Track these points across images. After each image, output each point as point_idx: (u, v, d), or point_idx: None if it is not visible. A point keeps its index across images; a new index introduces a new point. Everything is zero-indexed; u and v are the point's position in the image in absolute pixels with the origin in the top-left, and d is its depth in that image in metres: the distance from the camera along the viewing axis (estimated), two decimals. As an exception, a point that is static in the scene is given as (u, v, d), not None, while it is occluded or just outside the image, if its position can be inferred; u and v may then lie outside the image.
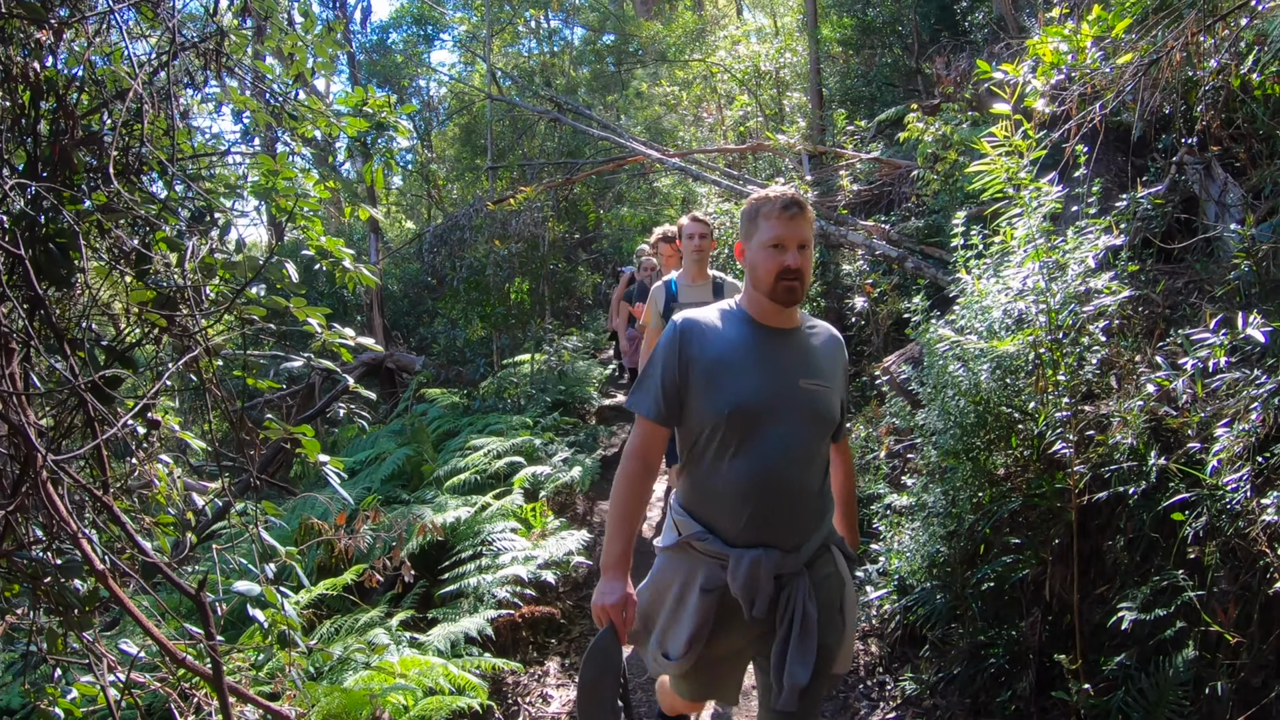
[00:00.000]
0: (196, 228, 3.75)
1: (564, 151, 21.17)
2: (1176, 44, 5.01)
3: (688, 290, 7.49)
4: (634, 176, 18.90)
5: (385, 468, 9.54)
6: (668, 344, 3.65)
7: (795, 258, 3.53)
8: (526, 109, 21.71)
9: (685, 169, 13.38)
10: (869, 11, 17.27)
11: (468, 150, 26.82)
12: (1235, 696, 4.21)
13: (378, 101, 4.27)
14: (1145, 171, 7.09)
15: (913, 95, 14.68)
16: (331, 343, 3.94)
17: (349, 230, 24.64)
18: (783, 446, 3.53)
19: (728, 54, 19.65)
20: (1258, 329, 4.09)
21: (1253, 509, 4.25)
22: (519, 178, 19.02)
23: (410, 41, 29.58)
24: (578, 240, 21.19)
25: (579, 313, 22.26)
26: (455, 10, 30.85)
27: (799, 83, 18.31)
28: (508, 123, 23.61)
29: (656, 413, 3.66)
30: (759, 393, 3.53)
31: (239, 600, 3.87)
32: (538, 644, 7.16)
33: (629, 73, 26.73)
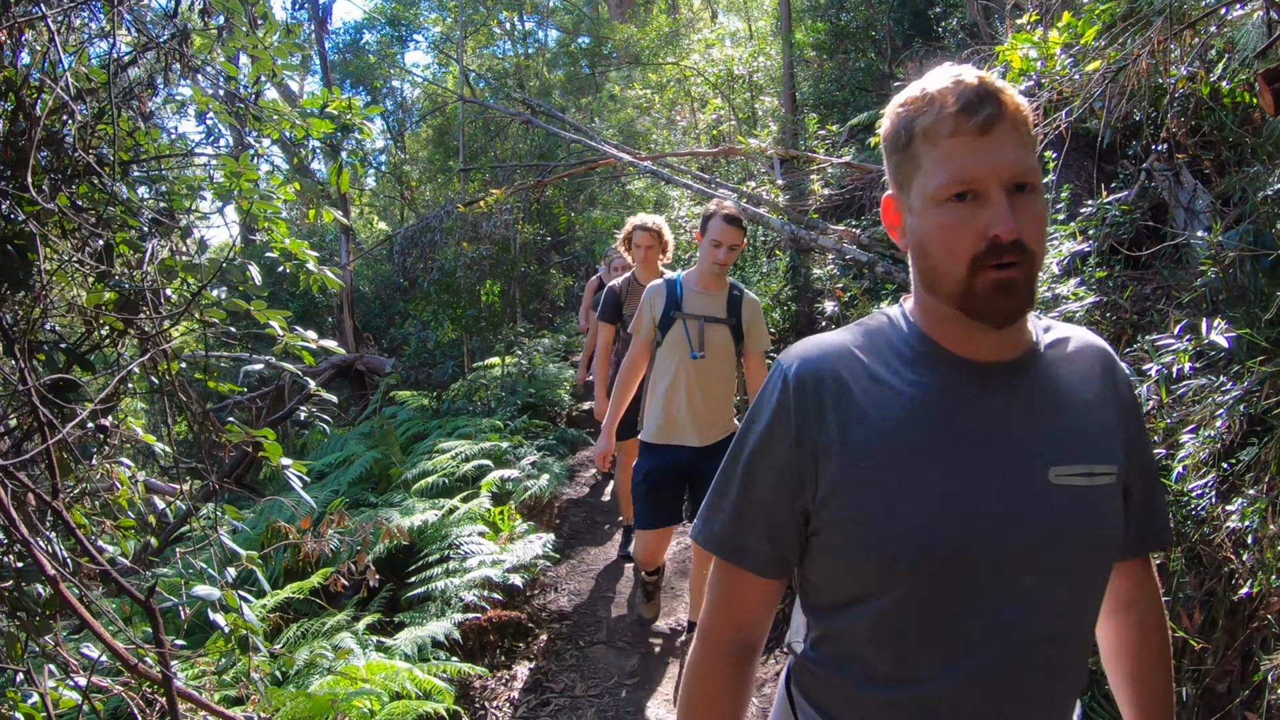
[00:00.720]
0: (157, 229, 3.72)
1: (536, 154, 21.15)
2: (1143, 51, 5.03)
3: (697, 298, 5.99)
4: (606, 179, 18.87)
5: (353, 470, 9.50)
6: (773, 417, 1.95)
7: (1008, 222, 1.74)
8: (499, 111, 21.67)
9: (657, 172, 13.36)
10: (842, 16, 17.29)
11: (440, 152, 26.77)
12: (1200, 702, 4.22)
13: (340, 103, 4.24)
14: (1115, 178, 7.11)
15: (885, 100, 14.67)
16: (293, 345, 3.91)
17: (321, 232, 24.55)
18: (1025, 617, 1.83)
19: (701, 57, 19.66)
20: (1222, 335, 4.11)
21: (1218, 515, 4.26)
22: (491, 180, 18.98)
23: (384, 42, 29.48)
24: (550, 243, 21.13)
25: (551, 315, 22.22)
26: (430, 11, 30.79)
27: (773, 87, 18.33)
28: (480, 124, 23.56)
29: (758, 560, 2.00)
30: (975, 514, 1.81)
31: (202, 605, 3.83)
32: (506, 648, 7.13)
33: (603, 75, 26.74)
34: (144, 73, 4.05)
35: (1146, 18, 5.22)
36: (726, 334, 5.99)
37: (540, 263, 19.97)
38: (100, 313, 3.57)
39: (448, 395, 12.78)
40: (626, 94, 21.94)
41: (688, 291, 6.01)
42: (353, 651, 5.87)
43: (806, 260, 11.51)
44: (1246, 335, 4.51)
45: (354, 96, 4.41)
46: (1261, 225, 4.99)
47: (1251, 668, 4.01)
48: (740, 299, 6.07)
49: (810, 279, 11.15)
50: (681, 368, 5.93)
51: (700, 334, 5.89)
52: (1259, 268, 4.77)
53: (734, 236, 5.80)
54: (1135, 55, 5.14)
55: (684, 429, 6.02)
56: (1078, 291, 5.11)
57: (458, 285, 13.65)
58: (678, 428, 6.03)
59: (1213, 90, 5.48)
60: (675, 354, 5.96)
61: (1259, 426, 4.41)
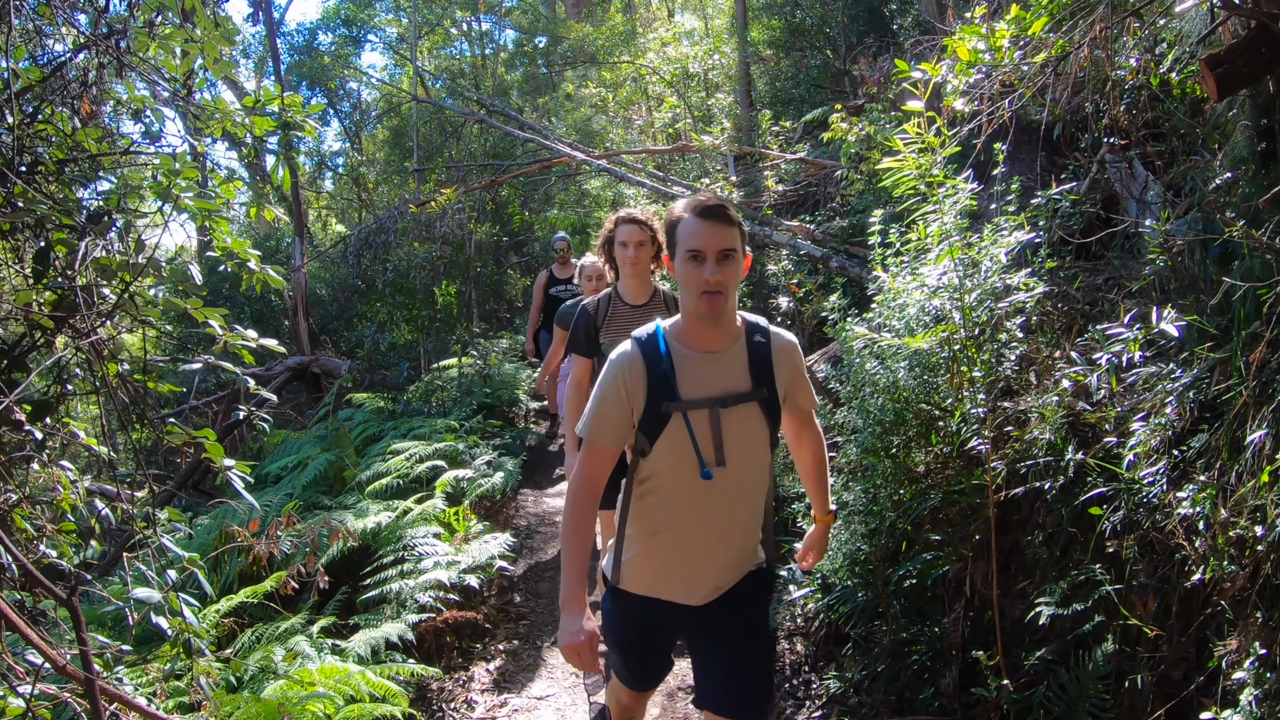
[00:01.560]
0: (93, 228, 3.66)
1: (492, 154, 21.09)
2: (1085, 40, 5.03)
3: (698, 367, 3.79)
4: (562, 178, 18.84)
5: (307, 473, 9.42)
6: None
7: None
8: (453, 111, 21.62)
9: (610, 170, 13.36)
10: (798, 14, 17.32)
11: (397, 153, 26.69)
12: (1156, 689, 4.23)
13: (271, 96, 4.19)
14: (1066, 170, 7.13)
15: (840, 96, 14.74)
16: (233, 345, 3.86)
17: (278, 235, 24.40)
18: None
19: (657, 56, 19.66)
20: (1171, 324, 4.11)
21: (1169, 502, 4.27)
22: (446, 180, 18.91)
23: (339, 43, 29.35)
24: (508, 243, 21.07)
25: (509, 315, 22.16)
26: (385, 12, 30.70)
27: (729, 85, 18.35)
28: (435, 125, 23.51)
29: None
30: None
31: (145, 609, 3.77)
32: (462, 649, 7.10)
33: (560, 75, 26.72)
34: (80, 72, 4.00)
35: (1091, 7, 5.22)
36: (758, 416, 3.75)
37: (498, 263, 19.91)
38: (29, 311, 3.51)
39: (404, 397, 12.73)
40: (582, 93, 21.93)
41: (681, 360, 3.69)
42: (306, 655, 5.82)
43: (761, 256, 11.52)
44: (1195, 323, 4.53)
45: (295, 95, 4.36)
46: (1209, 213, 5.00)
47: (1207, 654, 4.02)
48: (768, 347, 3.78)
49: (765, 275, 11.16)
50: (685, 495, 3.72)
51: (716, 433, 3.66)
52: (1207, 255, 4.78)
53: (726, 238, 3.55)
54: (1078, 45, 5.15)
55: (682, 584, 3.89)
56: (1028, 282, 5.11)
57: (413, 286, 13.60)
58: (669, 583, 3.89)
59: (1162, 81, 5.50)
60: (675, 475, 3.70)
61: (1209, 413, 4.43)
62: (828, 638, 6.35)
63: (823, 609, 6.29)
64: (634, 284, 6.12)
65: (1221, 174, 4.95)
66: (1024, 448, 5.10)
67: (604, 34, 22.89)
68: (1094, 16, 4.84)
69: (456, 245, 14.36)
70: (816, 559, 4.59)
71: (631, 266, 6.02)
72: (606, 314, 6.16)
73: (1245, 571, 3.87)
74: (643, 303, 6.11)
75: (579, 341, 6.18)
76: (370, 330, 14.79)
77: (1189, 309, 4.65)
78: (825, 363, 7.60)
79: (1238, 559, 3.93)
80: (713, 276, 3.46)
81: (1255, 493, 3.91)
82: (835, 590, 6.10)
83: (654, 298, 6.15)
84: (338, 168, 30.99)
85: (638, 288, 6.13)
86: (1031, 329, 5.67)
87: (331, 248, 21.14)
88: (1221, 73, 4.16)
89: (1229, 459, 4.16)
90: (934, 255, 5.30)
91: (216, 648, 6.01)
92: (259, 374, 14.62)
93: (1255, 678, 3.65)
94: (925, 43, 10.57)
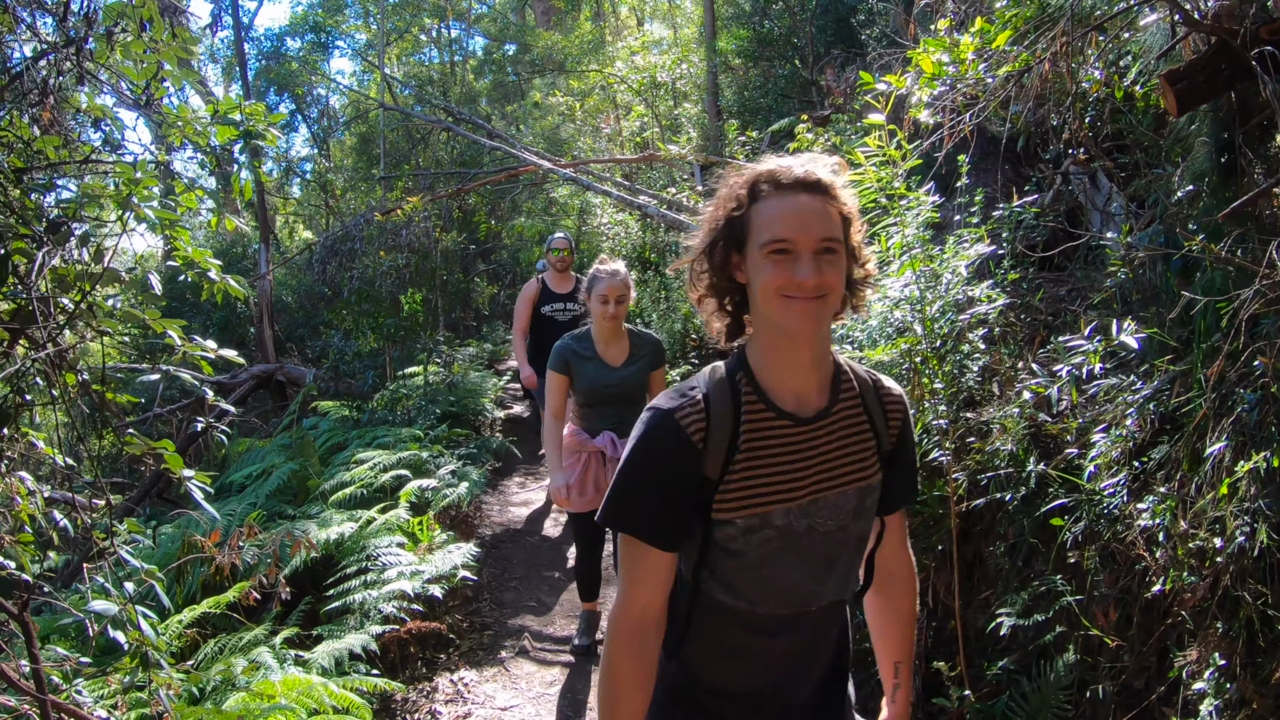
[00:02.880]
0: (51, 237, 3.64)
1: (459, 161, 21.06)
2: (1046, 55, 5.06)
3: None
4: (529, 186, 18.83)
5: (271, 483, 9.36)
6: None
7: None
8: (419, 118, 21.59)
9: (576, 179, 13.33)
10: (765, 24, 17.35)
11: (364, 160, 26.62)
12: (1117, 699, 4.26)
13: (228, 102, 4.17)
14: (1029, 181, 7.17)
15: (808, 106, 14.77)
16: (192, 355, 3.83)
17: (245, 242, 24.29)
18: None
19: (625, 64, 19.67)
20: (1131, 336, 4.13)
21: (1130, 513, 4.30)
22: (413, 188, 18.89)
23: (307, 49, 29.26)
24: (475, 251, 21.04)
25: (476, 323, 22.13)
26: (354, 19, 30.65)
27: (697, 94, 18.38)
28: (402, 132, 23.47)
29: None
30: None
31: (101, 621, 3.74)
32: (427, 660, 7.06)
33: (529, 82, 26.71)
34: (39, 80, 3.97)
35: (1054, 20, 5.25)
36: None
37: (465, 271, 19.88)
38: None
39: (368, 405, 12.66)
40: (549, 101, 21.92)
41: None
42: (268, 666, 5.78)
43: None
44: (1156, 335, 4.56)
45: (258, 103, 4.32)
46: (1171, 226, 5.04)
47: (1168, 664, 4.05)
48: None
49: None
50: None
51: None
52: (1169, 269, 4.81)
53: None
54: (1039, 58, 5.18)
55: None
56: (990, 294, 5.14)
57: (378, 294, 13.55)
58: None
59: (1127, 94, 5.53)
60: None
61: (1169, 425, 4.46)
62: (793, 649, 6.35)
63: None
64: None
65: (1183, 187, 4.99)
66: (986, 459, 5.13)
67: (573, 42, 22.87)
68: (1056, 30, 4.86)
69: (422, 253, 14.30)
70: None
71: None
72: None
73: (1205, 582, 3.90)
74: None
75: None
76: (336, 338, 14.71)
77: (1151, 321, 4.69)
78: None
79: (1198, 570, 3.96)
80: None
81: (1214, 504, 3.94)
82: (798, 602, 6.10)
83: None
84: (305, 174, 30.89)
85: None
86: (994, 340, 5.69)
87: (298, 254, 21.05)
88: (1181, 88, 4.19)
89: (1189, 470, 4.19)
90: (895, 267, 5.32)
91: (179, 659, 5.96)
92: (224, 382, 14.55)
93: (1215, 688, 3.68)
94: (891, 54, 10.59)
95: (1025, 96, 5.62)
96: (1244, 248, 4.28)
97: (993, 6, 6.51)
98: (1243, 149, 4.46)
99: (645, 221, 13.99)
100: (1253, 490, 3.80)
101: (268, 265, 16.56)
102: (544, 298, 10.08)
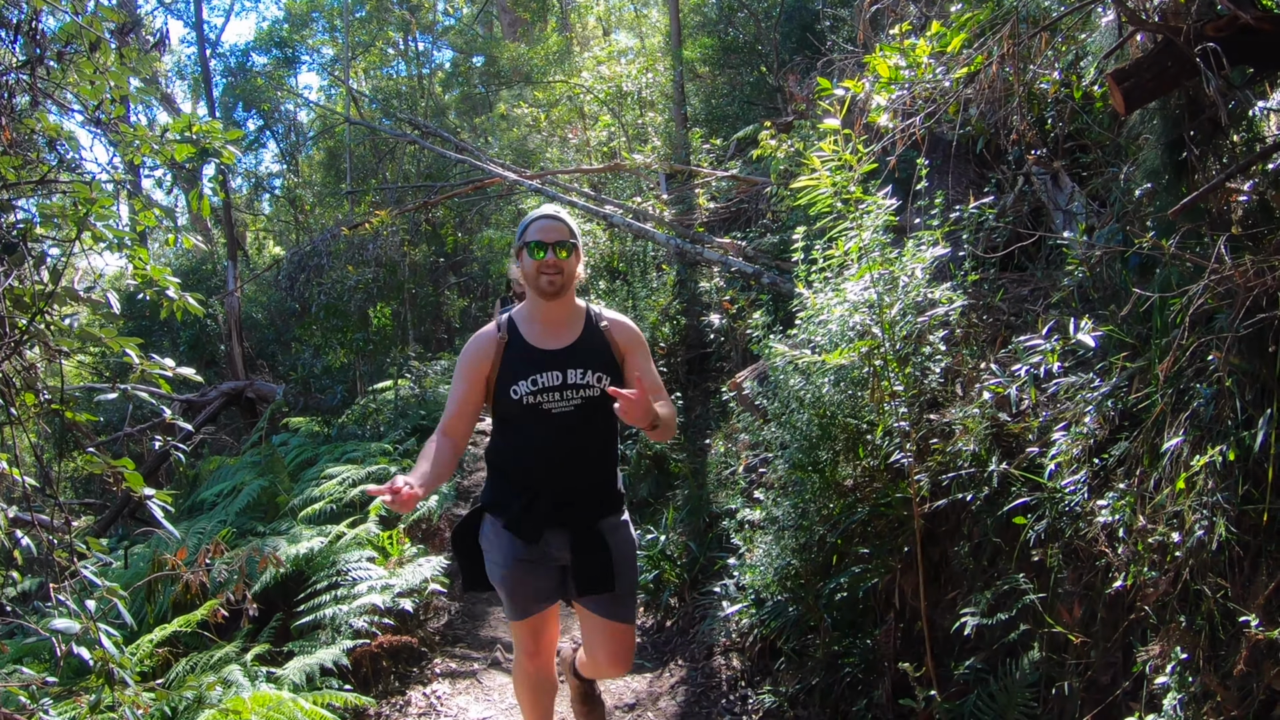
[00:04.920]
0: (6, 258, 3.63)
1: (426, 175, 21.05)
2: (995, 57, 5.10)
3: None
4: (497, 198, 18.83)
5: (240, 500, 9.35)
6: None
7: None
8: (385, 132, 21.57)
9: (541, 190, 13.33)
10: (730, 32, 17.40)
11: (332, 175, 26.61)
12: (1084, 695, 4.27)
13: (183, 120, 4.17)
14: (989, 183, 7.21)
15: (774, 113, 14.82)
16: (150, 373, 3.83)
17: (216, 259, 24.22)
18: None
19: (591, 75, 19.68)
20: (1087, 334, 4.17)
21: (1091, 510, 4.32)
22: (381, 202, 18.87)
23: (273, 64, 29.22)
24: (446, 263, 21.02)
25: (447, 336, 22.11)
26: (320, 33, 30.63)
27: (664, 103, 18.40)
28: (369, 146, 23.45)
29: None
30: None
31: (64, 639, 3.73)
32: (399, 673, 7.06)
33: (496, 94, 26.71)
34: None
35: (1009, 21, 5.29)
36: None
37: (435, 284, 19.86)
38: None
39: (337, 420, 12.65)
40: (516, 113, 21.91)
41: None
42: (238, 684, 5.76)
43: (694, 274, 11.57)
44: (1112, 333, 4.58)
45: (214, 121, 4.33)
46: (1126, 224, 5.07)
47: (1132, 659, 4.07)
48: None
49: (698, 293, 11.20)
50: None
51: None
52: (1126, 266, 4.85)
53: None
54: (988, 61, 5.22)
55: None
56: (950, 295, 5.17)
57: (346, 309, 13.53)
58: None
59: (1085, 93, 5.57)
60: None
61: (1128, 422, 4.48)
62: (762, 652, 6.37)
63: (756, 624, 6.32)
64: None
65: (1140, 185, 5.03)
66: (948, 459, 5.15)
67: (539, 53, 22.87)
68: (1003, 32, 4.89)
69: (390, 267, 14.29)
70: None
71: None
72: None
73: (1166, 577, 3.93)
74: None
75: None
76: (306, 354, 14.69)
77: (1110, 319, 4.71)
78: (753, 379, 7.63)
79: (1159, 565, 3.98)
80: None
81: (1173, 499, 3.96)
82: (767, 605, 6.13)
83: None
84: (275, 189, 30.83)
85: None
86: (956, 341, 5.72)
87: (266, 270, 21.01)
88: (1129, 86, 4.22)
89: (1148, 466, 4.21)
90: (853, 271, 5.34)
91: (151, 677, 5.95)
92: (194, 400, 14.52)
93: (1178, 682, 3.70)
94: (852, 60, 10.66)
95: (980, 99, 5.65)
96: (1197, 244, 4.32)
97: (948, 10, 6.55)
98: (1193, 145, 4.50)
99: (612, 231, 14.01)
100: (1210, 484, 3.82)
101: (236, 282, 16.53)
102: None
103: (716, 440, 8.86)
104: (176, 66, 31.31)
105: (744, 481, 7.63)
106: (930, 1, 7.72)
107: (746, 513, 6.65)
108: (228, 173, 18.78)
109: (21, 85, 3.95)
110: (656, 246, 12.65)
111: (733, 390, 7.73)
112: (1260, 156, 4.21)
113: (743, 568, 6.40)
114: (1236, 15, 3.89)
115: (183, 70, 31.54)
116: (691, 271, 11.63)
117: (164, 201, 24.34)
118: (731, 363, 10.29)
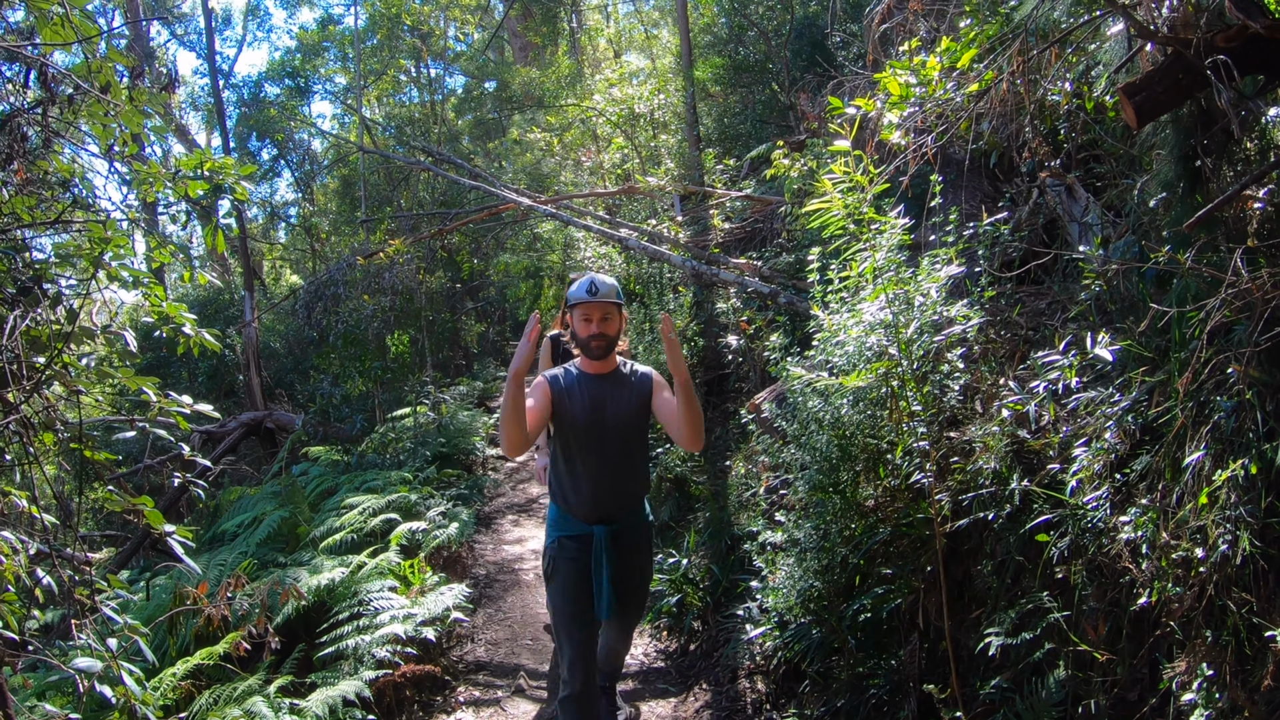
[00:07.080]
0: (23, 300, 3.64)
1: (440, 201, 21.08)
2: (1003, 73, 5.09)
3: None
4: (513, 223, 18.85)
5: (261, 530, 9.36)
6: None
7: None
8: (398, 160, 21.61)
9: (556, 215, 13.32)
10: (741, 51, 17.41)
11: (347, 203, 26.68)
12: (1111, 712, 4.22)
13: (195, 157, 4.18)
14: (1003, 196, 7.19)
15: (786, 131, 14.82)
16: (168, 409, 3.83)
17: (234, 290, 24.29)
18: None
19: (603, 97, 19.69)
20: (1105, 348, 4.14)
21: (1114, 526, 4.29)
22: (395, 229, 18.91)
23: (286, 94, 29.35)
24: (462, 289, 21.05)
25: (465, 362, 22.12)
26: (332, 61, 30.75)
27: (676, 123, 18.41)
28: (383, 174, 23.50)
29: None
30: None
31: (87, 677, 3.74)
32: (422, 703, 7.04)
33: (509, 119, 26.76)
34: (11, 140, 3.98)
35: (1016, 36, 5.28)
36: None
37: (452, 310, 19.87)
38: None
39: (357, 449, 12.65)
40: (529, 137, 21.95)
41: None
42: (262, 716, 5.76)
43: (710, 295, 11.55)
44: (1130, 346, 4.56)
45: (227, 157, 4.34)
46: (1143, 236, 5.05)
47: (1159, 675, 4.03)
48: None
49: (715, 314, 11.18)
50: None
51: None
52: (1143, 279, 4.82)
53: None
54: (998, 77, 5.21)
55: None
56: (966, 313, 5.14)
57: (364, 337, 13.55)
58: None
59: (1097, 104, 5.56)
60: None
61: (1148, 436, 4.45)
62: (786, 675, 6.33)
63: (780, 646, 6.28)
64: None
65: (1154, 196, 5.00)
66: (969, 478, 5.12)
67: (550, 77, 22.91)
68: (1013, 48, 4.89)
69: (406, 295, 14.30)
70: None
71: None
72: None
73: (1191, 592, 3.89)
74: None
75: None
76: (324, 383, 14.70)
77: (1128, 332, 4.68)
78: (771, 401, 7.61)
79: (1183, 580, 3.95)
80: None
81: (1195, 514, 3.93)
82: (791, 627, 6.09)
83: None
84: (290, 218, 30.93)
85: None
86: (974, 358, 5.69)
87: (283, 300, 21.06)
88: (1140, 100, 4.21)
89: (1170, 480, 4.18)
90: (869, 292, 5.33)
91: (174, 711, 5.95)
92: (213, 431, 14.54)
93: (1205, 698, 3.67)
94: (862, 77, 10.65)
95: (992, 114, 5.64)
96: (1214, 254, 4.30)
97: (957, 26, 6.54)
98: (1206, 155, 4.48)
99: (628, 254, 14.01)
100: (1233, 498, 3.80)
101: (253, 312, 16.57)
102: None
103: (737, 462, 8.84)
104: (190, 97, 31.52)
105: (765, 503, 7.59)
106: (939, 16, 7.71)
107: (768, 535, 6.62)
108: (242, 206, 18.87)
109: (34, 123, 3.97)
110: (672, 268, 12.64)
111: (752, 412, 7.69)
112: (1275, 165, 4.19)
113: (765, 590, 6.37)
114: (1246, 25, 3.88)
115: (196, 101, 31.76)
116: (708, 293, 11.61)
117: (178, 236, 24.48)
118: (750, 384, 10.26)
